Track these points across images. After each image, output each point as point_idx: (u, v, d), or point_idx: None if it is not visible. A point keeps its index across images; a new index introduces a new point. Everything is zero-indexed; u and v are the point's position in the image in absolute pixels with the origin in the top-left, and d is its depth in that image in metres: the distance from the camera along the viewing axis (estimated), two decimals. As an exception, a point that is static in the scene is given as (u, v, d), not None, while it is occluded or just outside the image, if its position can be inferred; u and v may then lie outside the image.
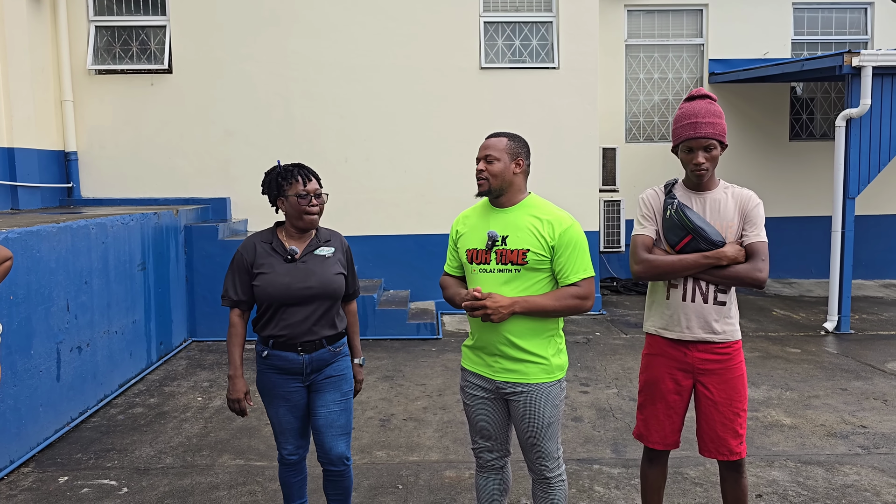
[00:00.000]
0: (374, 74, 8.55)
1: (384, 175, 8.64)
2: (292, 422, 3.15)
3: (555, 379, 2.87)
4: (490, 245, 2.85)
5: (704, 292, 2.96)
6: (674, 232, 2.96)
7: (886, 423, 5.11)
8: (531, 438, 2.90)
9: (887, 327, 8.11)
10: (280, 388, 3.10)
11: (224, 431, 4.98)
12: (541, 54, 8.79)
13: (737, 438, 2.98)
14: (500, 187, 2.88)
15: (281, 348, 3.06)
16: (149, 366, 6.41)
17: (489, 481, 3.09)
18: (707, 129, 2.90)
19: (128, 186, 8.38)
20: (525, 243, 2.81)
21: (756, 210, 2.92)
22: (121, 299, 5.87)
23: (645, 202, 3.09)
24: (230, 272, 3.09)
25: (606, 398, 5.65)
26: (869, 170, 7.70)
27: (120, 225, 5.88)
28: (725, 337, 2.96)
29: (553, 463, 2.95)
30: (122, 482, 4.18)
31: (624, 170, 10.14)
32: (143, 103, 8.36)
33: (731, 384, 2.97)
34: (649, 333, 3.13)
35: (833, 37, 10.86)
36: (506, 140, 2.89)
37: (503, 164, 2.86)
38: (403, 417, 5.25)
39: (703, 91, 3.01)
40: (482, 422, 2.99)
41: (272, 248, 3.09)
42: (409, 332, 7.60)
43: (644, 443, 3.16)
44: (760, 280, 2.87)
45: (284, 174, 3.06)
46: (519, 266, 2.81)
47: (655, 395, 3.08)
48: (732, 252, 2.89)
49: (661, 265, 2.98)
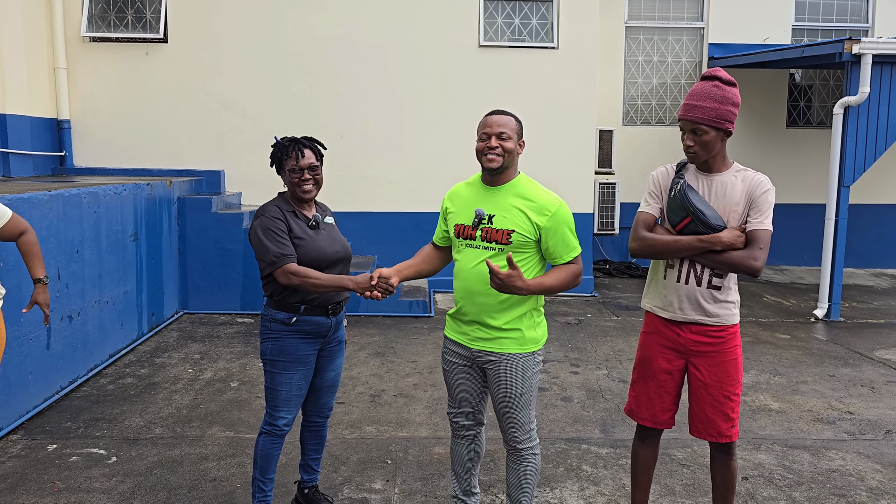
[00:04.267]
0: (372, 50, 8.47)
1: (380, 152, 8.59)
2: (303, 388, 3.24)
3: (528, 351, 2.98)
4: (476, 223, 2.96)
5: (699, 275, 2.96)
6: (675, 212, 2.95)
7: (873, 409, 5.15)
8: (503, 407, 3.01)
9: (876, 316, 8.16)
10: (302, 352, 3.19)
11: (214, 403, 4.98)
12: (540, 34, 8.72)
13: (727, 422, 2.99)
14: (507, 165, 2.96)
15: (311, 313, 3.16)
16: (140, 337, 6.40)
17: (461, 447, 3.24)
18: (696, 112, 2.88)
19: (121, 156, 8.30)
20: (511, 224, 2.90)
21: (764, 197, 2.88)
22: (112, 269, 5.84)
23: (654, 180, 3.08)
24: (270, 236, 3.06)
25: (596, 379, 5.67)
26: (865, 158, 7.70)
27: (112, 194, 5.84)
28: (720, 321, 2.96)
29: (524, 434, 3.04)
30: (111, 451, 4.19)
31: (620, 153, 10.12)
32: (138, 72, 8.26)
33: (723, 367, 2.98)
34: (647, 311, 3.14)
35: (834, 24, 10.81)
36: (514, 120, 3.00)
37: (513, 142, 2.93)
38: (394, 394, 5.27)
39: (715, 72, 2.94)
40: (458, 388, 3.13)
41: (294, 215, 3.19)
42: (402, 309, 7.61)
43: (634, 419, 3.17)
44: (754, 268, 2.85)
45: (282, 149, 3.19)
46: (503, 245, 2.91)
47: (647, 373, 3.09)
48: (729, 237, 2.87)
49: (657, 244, 2.97)
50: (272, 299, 3.18)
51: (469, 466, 3.26)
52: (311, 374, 3.26)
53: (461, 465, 3.27)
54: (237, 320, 7.26)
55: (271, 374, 3.19)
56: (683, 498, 3.78)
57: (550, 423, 4.78)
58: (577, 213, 8.79)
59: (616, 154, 9.72)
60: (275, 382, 3.18)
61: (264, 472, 3.26)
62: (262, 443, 3.24)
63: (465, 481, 3.29)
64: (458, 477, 3.29)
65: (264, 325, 3.21)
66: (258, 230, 3.09)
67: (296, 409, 3.25)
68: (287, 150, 3.16)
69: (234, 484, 3.82)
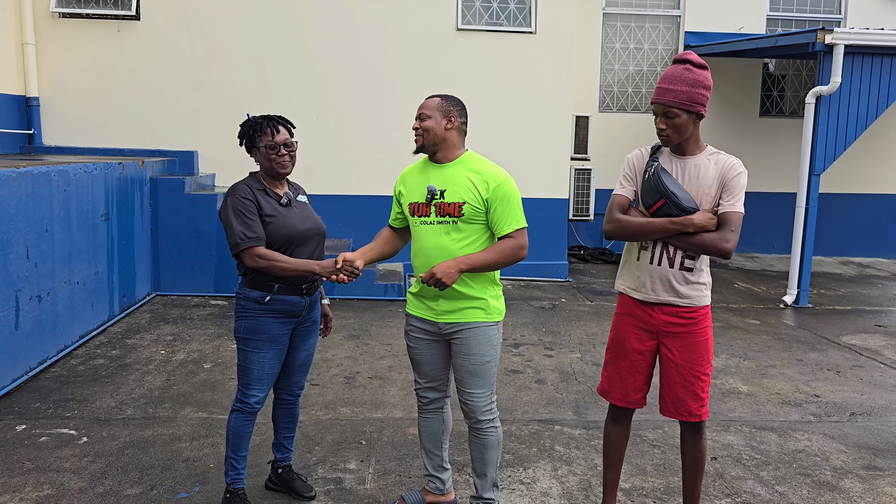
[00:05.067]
0: (349, 31, 8.39)
1: (356, 134, 8.53)
2: (276, 367, 3.24)
3: (493, 320, 3.09)
4: (429, 199, 3.06)
5: (671, 257, 2.99)
6: (649, 195, 2.98)
7: (838, 392, 5.27)
8: (467, 376, 3.09)
9: (843, 303, 8.32)
10: (275, 331, 3.18)
11: (187, 385, 4.95)
12: (518, 18, 8.70)
13: (697, 401, 3.03)
14: (433, 142, 3.06)
15: (285, 292, 3.16)
16: (111, 318, 6.32)
17: (431, 421, 3.30)
18: (667, 96, 2.90)
19: (92, 135, 8.15)
20: (461, 196, 3.00)
21: (736, 180, 2.92)
22: (83, 249, 5.76)
23: (629, 163, 3.11)
24: (239, 216, 3.06)
25: (570, 362, 5.73)
26: (836, 147, 7.82)
27: (83, 173, 5.74)
28: (691, 302, 3.00)
29: (486, 404, 3.12)
30: (81, 431, 4.14)
31: (596, 139, 10.16)
32: (109, 50, 8.10)
33: (694, 348, 3.02)
34: (620, 292, 3.18)
35: (808, 14, 10.93)
36: (438, 99, 3.08)
37: (434, 120, 3.04)
38: (368, 375, 5.27)
39: (686, 55, 2.97)
40: (424, 362, 3.21)
41: (265, 193, 3.18)
42: (377, 292, 7.60)
43: (606, 399, 3.21)
44: (725, 250, 2.89)
45: (255, 126, 3.17)
46: (456, 218, 3.01)
47: (620, 354, 3.13)
48: (701, 220, 2.91)
49: (630, 226, 3.00)
50: (246, 278, 3.17)
51: (440, 440, 3.32)
52: (284, 353, 3.26)
53: (432, 439, 3.32)
54: (210, 302, 7.20)
55: (244, 352, 3.18)
56: (654, 478, 3.84)
57: (524, 404, 4.82)
58: (553, 199, 8.84)
59: (592, 140, 9.76)
60: (247, 360, 3.17)
61: (237, 450, 3.25)
62: (234, 420, 3.23)
63: (436, 457, 3.33)
64: (430, 453, 3.34)
65: (238, 304, 3.20)
66: (228, 210, 3.09)
67: (268, 387, 3.25)
68: (262, 127, 3.16)
69: (207, 464, 3.80)
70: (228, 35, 8.22)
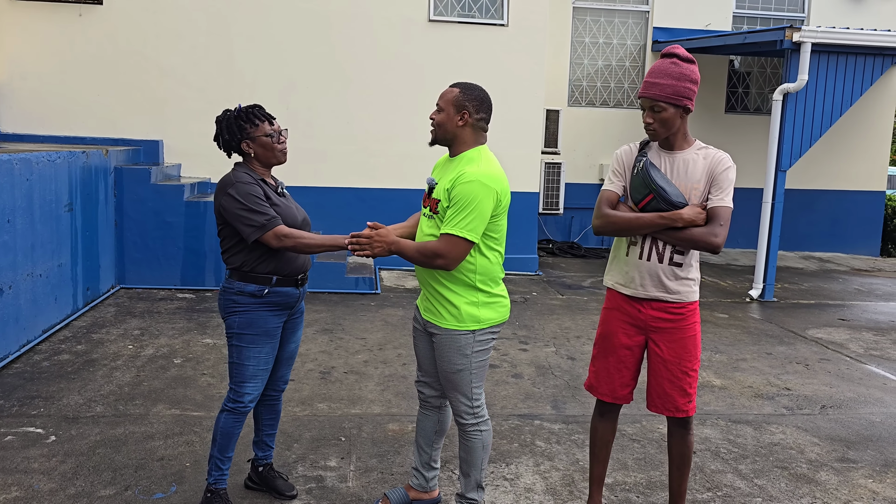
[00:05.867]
0: (320, 20, 8.25)
1: (326, 125, 8.40)
2: (270, 362, 3.17)
3: (465, 328, 2.93)
4: (428, 192, 3.02)
5: (661, 252, 2.98)
6: (638, 190, 2.96)
7: (808, 385, 5.37)
8: (444, 381, 3.04)
9: (807, 297, 8.49)
10: (271, 324, 3.11)
11: (158, 381, 4.81)
12: (490, 10, 8.66)
13: (685, 397, 3.04)
14: (444, 137, 2.98)
15: (283, 284, 3.09)
16: (74, 312, 6.12)
17: (426, 419, 3.25)
18: (654, 90, 2.90)
19: (52, 123, 7.88)
20: (439, 193, 2.93)
21: (725, 174, 2.92)
22: (46, 241, 5.56)
23: (617, 158, 3.09)
24: (252, 201, 2.95)
25: (545, 356, 5.73)
26: (801, 144, 7.96)
27: (46, 162, 5.54)
28: (680, 297, 3.00)
29: (467, 410, 3.04)
30: (49, 430, 4.00)
31: (564, 133, 10.19)
32: (70, 35, 7.83)
33: (682, 343, 3.02)
34: (609, 287, 3.16)
35: (773, 13, 11.10)
36: (457, 91, 2.95)
37: (446, 114, 2.92)
38: (344, 370, 5.20)
39: (673, 49, 2.97)
40: (420, 356, 3.19)
41: (263, 182, 3.11)
42: (348, 285, 7.51)
43: (594, 394, 3.20)
44: (714, 244, 2.89)
45: (246, 116, 3.09)
46: (433, 214, 2.95)
47: (608, 349, 3.12)
48: (689, 214, 2.90)
49: (619, 221, 2.99)
50: (239, 271, 3.06)
51: (432, 439, 3.26)
52: (277, 347, 3.18)
53: (424, 437, 3.26)
54: (177, 296, 7.03)
55: (238, 348, 3.07)
56: (636, 472, 3.86)
57: (503, 399, 4.80)
58: (523, 192, 8.83)
59: (561, 135, 9.78)
60: (242, 357, 3.07)
61: (223, 451, 3.15)
62: (224, 420, 3.13)
63: (425, 454, 3.28)
64: (420, 449, 3.29)
65: (228, 299, 3.08)
66: (237, 198, 2.96)
67: (262, 384, 3.15)
68: (258, 117, 3.10)
69: (182, 463, 3.70)
70: (196, 21, 8.01)
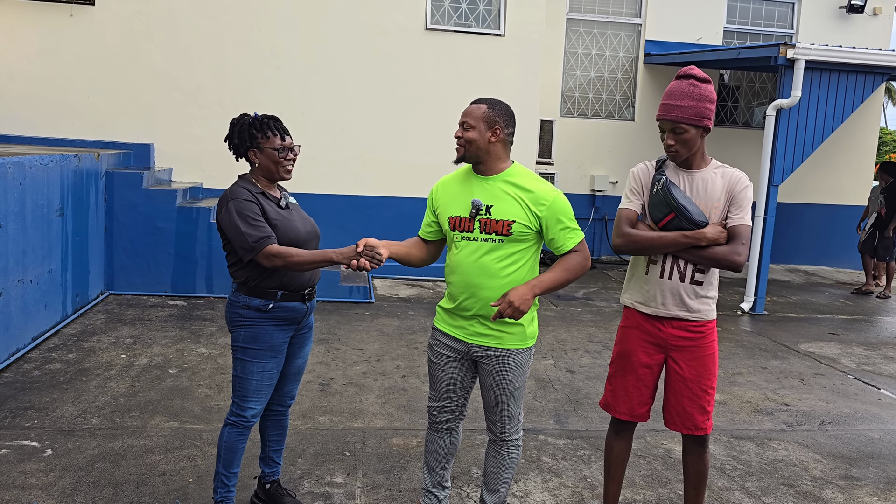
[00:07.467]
0: (315, 26, 8.19)
1: (320, 132, 8.33)
2: (275, 378, 3.10)
3: (527, 346, 2.94)
4: (474, 214, 2.85)
5: (682, 271, 2.97)
6: (658, 209, 2.95)
7: (805, 401, 5.39)
8: (497, 400, 2.96)
9: (797, 310, 8.56)
10: (276, 339, 3.04)
11: (154, 391, 4.71)
12: (487, 20, 8.65)
13: (703, 415, 3.03)
14: (475, 155, 2.87)
15: (287, 299, 3.02)
16: (64, 319, 5.98)
17: (438, 441, 3.15)
18: (675, 112, 2.89)
19: (40, 125, 7.73)
20: (511, 214, 2.81)
21: (744, 193, 2.92)
22: (37, 246, 5.43)
23: (634, 176, 3.07)
24: (246, 219, 2.88)
25: (544, 369, 5.70)
26: (794, 159, 8.03)
27: (39, 166, 5.41)
28: (700, 316, 2.99)
29: (513, 426, 3.02)
30: (44, 443, 3.88)
31: (557, 144, 10.20)
32: (61, 35, 7.70)
33: (702, 362, 3.01)
34: (626, 306, 3.14)
35: (762, 28, 11.21)
36: (485, 107, 2.87)
37: (478, 132, 2.84)
38: (343, 382, 5.12)
39: (690, 70, 2.96)
40: (444, 381, 3.03)
41: (264, 196, 3.03)
42: (342, 294, 7.43)
43: (611, 413, 3.17)
44: (738, 263, 2.89)
45: (260, 125, 3.01)
46: (503, 237, 2.82)
47: (626, 368, 3.09)
48: (712, 233, 2.90)
49: (641, 240, 2.97)
50: (245, 285, 2.99)
51: (444, 460, 3.18)
52: (282, 362, 3.11)
53: (435, 458, 3.17)
54: (168, 302, 6.91)
55: (243, 362, 3.01)
56: (644, 489, 3.83)
57: (505, 413, 4.75)
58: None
59: (554, 145, 9.80)
60: (246, 371, 3.01)
61: (228, 466, 3.07)
62: (228, 434, 3.06)
63: (437, 475, 3.20)
64: (431, 470, 3.20)
65: (234, 312, 3.02)
66: (232, 214, 2.90)
67: (265, 399, 3.09)
68: (271, 129, 3.00)
69: (185, 478, 3.61)
70: (188, 25, 7.91)
